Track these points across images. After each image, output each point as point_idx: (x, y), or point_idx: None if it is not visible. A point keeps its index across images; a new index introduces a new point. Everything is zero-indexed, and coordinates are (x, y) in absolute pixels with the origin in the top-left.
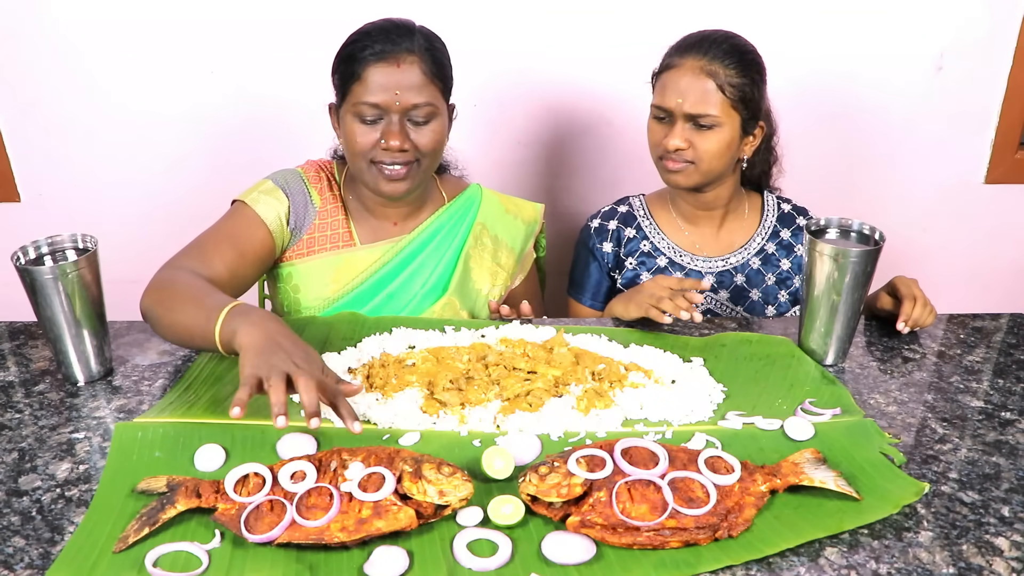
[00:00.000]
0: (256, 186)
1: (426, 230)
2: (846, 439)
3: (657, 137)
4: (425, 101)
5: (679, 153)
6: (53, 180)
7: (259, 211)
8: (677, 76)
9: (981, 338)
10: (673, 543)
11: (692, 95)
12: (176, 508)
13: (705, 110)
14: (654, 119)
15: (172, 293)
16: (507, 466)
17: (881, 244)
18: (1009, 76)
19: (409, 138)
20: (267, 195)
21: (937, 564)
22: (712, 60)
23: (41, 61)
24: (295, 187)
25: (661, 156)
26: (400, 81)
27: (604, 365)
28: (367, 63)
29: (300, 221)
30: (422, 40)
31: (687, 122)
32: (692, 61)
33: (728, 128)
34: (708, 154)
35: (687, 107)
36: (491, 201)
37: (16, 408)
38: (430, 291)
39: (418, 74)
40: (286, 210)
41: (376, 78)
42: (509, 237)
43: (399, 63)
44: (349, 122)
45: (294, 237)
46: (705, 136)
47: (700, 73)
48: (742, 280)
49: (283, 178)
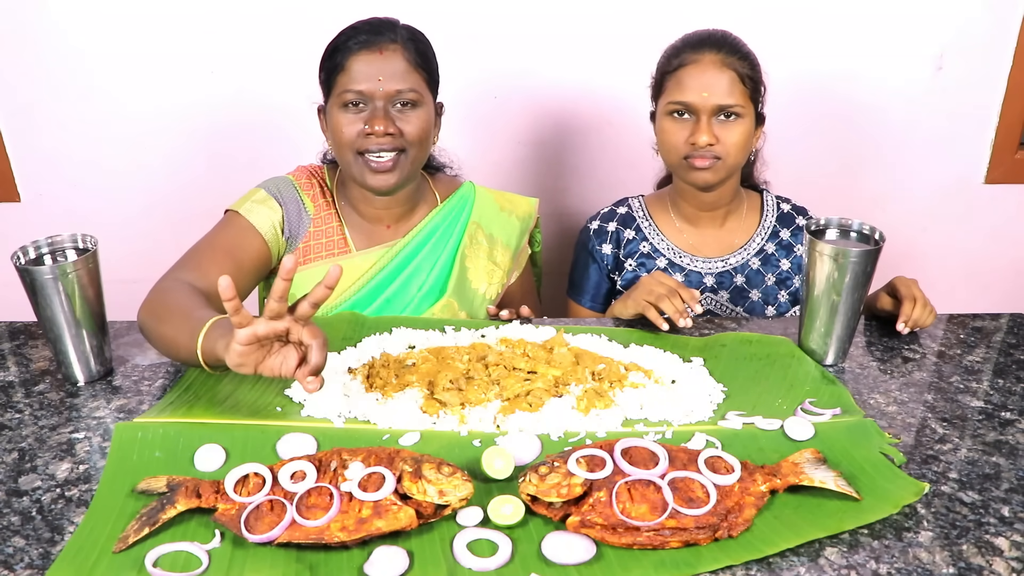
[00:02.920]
0: (248, 195)
1: (420, 232)
2: (846, 439)
3: (678, 137)
4: (409, 87)
5: (708, 149)
6: (53, 180)
7: (253, 221)
8: (698, 71)
9: (981, 338)
10: (673, 543)
11: (719, 87)
12: (176, 508)
13: (733, 100)
14: (671, 119)
15: (164, 307)
16: (507, 466)
17: (881, 244)
18: (1009, 76)
19: (394, 124)
20: (260, 204)
21: (937, 564)
22: (729, 54)
23: (41, 61)
24: (288, 195)
25: (687, 155)
26: (383, 68)
27: (604, 365)
28: (350, 53)
29: (295, 230)
30: (405, 32)
31: (713, 116)
32: (711, 55)
33: (748, 119)
34: (735, 147)
35: (714, 99)
36: (485, 199)
37: (16, 408)
38: (427, 294)
39: (401, 61)
40: (280, 219)
41: (359, 66)
42: (504, 235)
43: (382, 50)
44: (335, 114)
45: (289, 245)
46: (731, 128)
47: (721, 66)
48: (742, 280)
49: (275, 187)
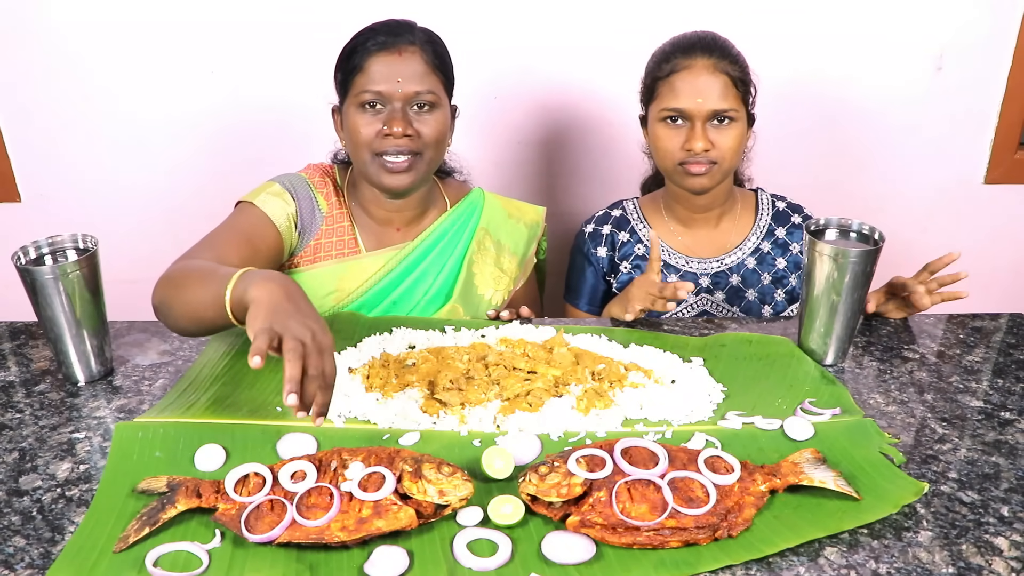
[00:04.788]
0: (262, 188)
1: (430, 236)
2: (846, 439)
3: (673, 143)
4: (427, 89)
5: (704, 154)
6: (53, 180)
7: (268, 211)
8: (691, 76)
9: (981, 338)
10: (673, 543)
11: (712, 92)
12: (176, 508)
13: (727, 104)
14: (664, 125)
15: (184, 276)
16: (507, 466)
17: (881, 244)
18: (1009, 76)
19: (412, 126)
20: (275, 196)
21: (937, 564)
22: (720, 58)
23: (41, 61)
24: (302, 191)
25: (682, 161)
26: (402, 69)
27: (604, 365)
28: (369, 54)
29: (307, 226)
30: (422, 34)
31: (707, 121)
32: (703, 60)
33: (742, 122)
34: (730, 151)
35: (709, 104)
36: (493, 206)
37: (17, 408)
38: (433, 298)
39: (419, 63)
40: (294, 212)
41: (377, 67)
42: (512, 242)
43: (400, 52)
44: (352, 114)
45: (302, 241)
46: (725, 133)
47: (714, 70)
48: (738, 280)
49: (289, 182)
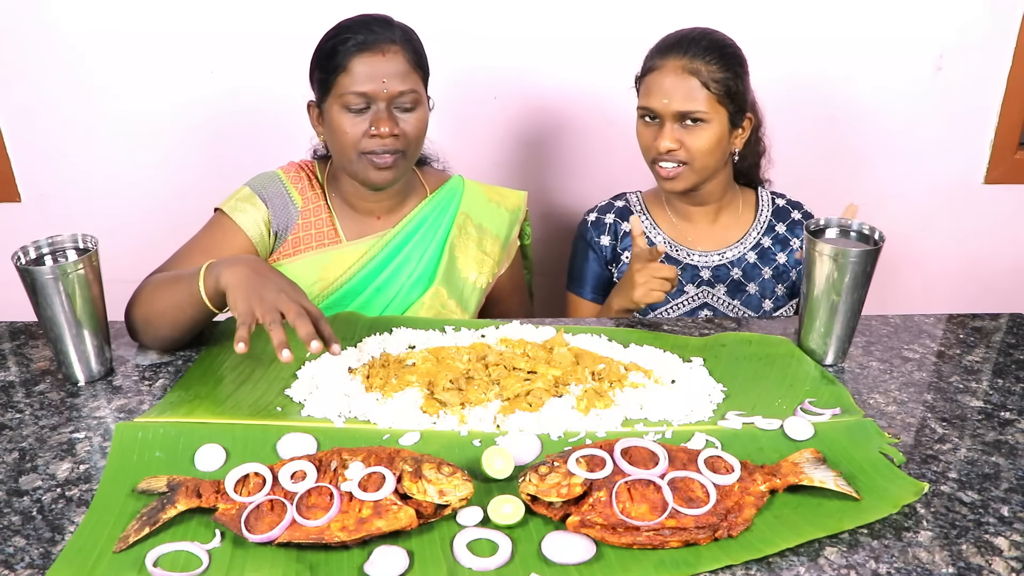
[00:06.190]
0: (234, 194)
1: (410, 222)
2: (846, 439)
3: (647, 140)
4: (410, 88)
5: (671, 154)
6: (53, 180)
7: (238, 220)
8: (660, 77)
9: (981, 338)
10: (673, 543)
11: (678, 94)
12: (176, 508)
13: (692, 107)
14: (642, 122)
15: (153, 289)
16: (507, 466)
17: (881, 244)
18: (1009, 76)
19: (398, 125)
20: (244, 202)
21: (937, 564)
22: (693, 58)
23: (41, 61)
24: (273, 190)
25: (654, 159)
26: (386, 70)
27: (604, 365)
28: (351, 54)
29: (282, 224)
30: (400, 31)
31: (676, 122)
32: (674, 61)
33: (717, 123)
34: (700, 152)
35: (674, 106)
36: (474, 191)
37: (16, 408)
38: (416, 281)
39: (402, 63)
40: (265, 217)
41: (362, 68)
42: (494, 225)
43: (384, 52)
44: (336, 114)
45: (278, 240)
46: (695, 134)
47: (683, 72)
48: (738, 274)
49: (260, 184)
